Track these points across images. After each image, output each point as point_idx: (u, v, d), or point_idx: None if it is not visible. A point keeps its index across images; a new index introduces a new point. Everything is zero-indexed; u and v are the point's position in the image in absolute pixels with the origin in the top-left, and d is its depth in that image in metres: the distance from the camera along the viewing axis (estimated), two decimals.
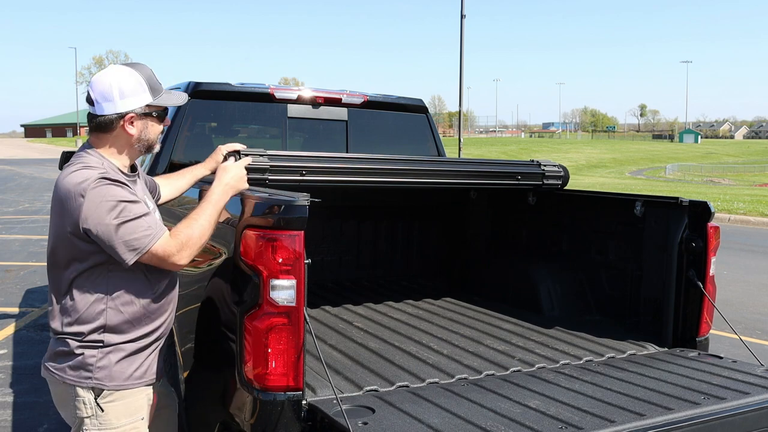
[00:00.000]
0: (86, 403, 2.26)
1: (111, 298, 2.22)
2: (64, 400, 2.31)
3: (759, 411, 2.49)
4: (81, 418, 2.28)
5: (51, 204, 2.28)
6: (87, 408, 2.27)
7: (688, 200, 3.26)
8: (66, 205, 2.15)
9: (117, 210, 2.13)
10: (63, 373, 2.26)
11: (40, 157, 49.45)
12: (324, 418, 2.32)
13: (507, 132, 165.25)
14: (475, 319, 3.88)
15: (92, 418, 2.27)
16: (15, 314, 7.11)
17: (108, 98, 2.24)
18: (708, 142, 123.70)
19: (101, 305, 2.22)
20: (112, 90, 2.24)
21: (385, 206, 4.92)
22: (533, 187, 3.98)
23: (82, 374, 2.24)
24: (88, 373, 2.24)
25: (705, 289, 3.17)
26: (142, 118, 2.30)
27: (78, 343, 2.23)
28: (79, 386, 2.25)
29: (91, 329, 2.22)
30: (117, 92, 2.24)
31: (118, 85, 2.24)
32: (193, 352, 2.88)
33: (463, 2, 21.36)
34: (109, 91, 2.24)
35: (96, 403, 2.26)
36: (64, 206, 2.16)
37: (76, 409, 2.28)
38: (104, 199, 2.12)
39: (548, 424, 2.26)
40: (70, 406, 2.30)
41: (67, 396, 2.29)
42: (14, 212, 16.87)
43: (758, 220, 16.24)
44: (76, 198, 2.12)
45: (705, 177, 54.24)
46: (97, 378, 2.24)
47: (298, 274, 2.30)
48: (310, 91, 4.61)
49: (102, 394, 2.26)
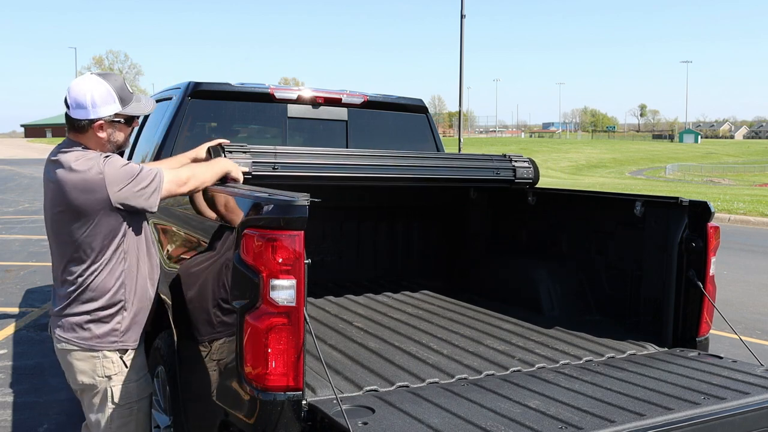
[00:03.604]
0: (114, 362, 2.74)
1: (127, 275, 2.70)
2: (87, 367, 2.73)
3: (759, 411, 2.48)
4: (108, 376, 2.74)
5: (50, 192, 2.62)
6: (114, 366, 2.74)
7: (688, 200, 3.26)
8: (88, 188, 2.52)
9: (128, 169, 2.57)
10: (90, 342, 2.69)
11: (40, 157, 49.37)
12: (324, 418, 2.32)
13: (507, 132, 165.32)
14: (475, 319, 3.88)
15: (119, 374, 2.76)
16: (15, 314, 7.11)
17: (82, 105, 2.58)
18: (708, 142, 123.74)
19: (120, 282, 2.69)
20: (85, 98, 2.57)
21: (385, 206, 4.92)
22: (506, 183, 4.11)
23: (109, 339, 2.71)
24: (115, 337, 2.71)
25: (705, 289, 3.17)
26: (111, 125, 2.64)
27: (104, 313, 2.68)
28: (107, 350, 2.71)
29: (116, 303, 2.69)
30: (90, 101, 2.57)
31: (91, 94, 2.57)
32: (193, 351, 2.88)
33: (463, 2, 21.38)
34: (83, 100, 2.57)
35: (122, 361, 2.76)
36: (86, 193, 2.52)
37: (105, 368, 2.72)
38: (117, 167, 2.56)
39: (548, 424, 2.26)
40: (97, 369, 2.72)
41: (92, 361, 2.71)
42: (14, 212, 16.87)
43: (758, 220, 16.24)
44: (97, 179, 2.52)
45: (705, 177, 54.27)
46: (122, 340, 2.74)
47: (298, 274, 2.30)
48: (310, 91, 4.61)
49: (127, 353, 2.77)
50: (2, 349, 5.91)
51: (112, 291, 2.67)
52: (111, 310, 2.70)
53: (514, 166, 4.08)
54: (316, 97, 4.59)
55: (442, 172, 3.86)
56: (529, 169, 4.13)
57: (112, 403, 2.79)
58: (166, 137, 4.13)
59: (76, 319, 2.69)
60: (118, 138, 2.70)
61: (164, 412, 3.30)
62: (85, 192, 2.52)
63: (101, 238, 2.60)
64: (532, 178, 4.15)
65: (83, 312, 2.68)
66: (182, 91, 4.32)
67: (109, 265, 2.65)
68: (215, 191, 2.80)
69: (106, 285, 2.67)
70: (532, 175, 4.14)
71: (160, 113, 4.54)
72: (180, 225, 3.31)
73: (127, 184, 2.56)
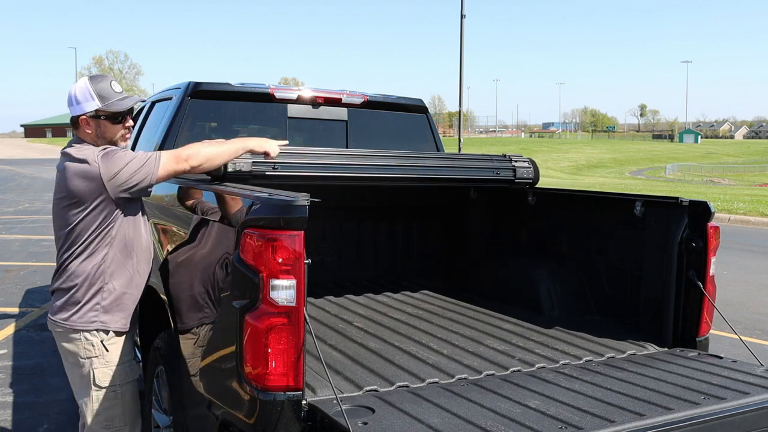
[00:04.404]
0: (95, 345, 2.87)
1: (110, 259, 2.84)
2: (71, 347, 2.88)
3: (759, 411, 2.48)
4: (89, 358, 2.88)
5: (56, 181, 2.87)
6: (95, 348, 2.87)
7: (688, 200, 3.25)
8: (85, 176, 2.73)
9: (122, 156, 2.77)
10: (70, 322, 2.84)
11: (40, 157, 49.45)
12: (324, 418, 2.32)
13: (507, 132, 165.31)
14: (475, 319, 3.88)
15: (100, 357, 2.88)
16: (15, 314, 7.11)
17: (70, 103, 2.90)
18: (708, 142, 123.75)
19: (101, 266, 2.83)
20: (70, 97, 2.90)
21: (385, 206, 4.92)
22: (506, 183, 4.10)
23: (88, 318, 2.85)
24: (93, 317, 2.85)
25: (705, 289, 3.17)
26: (95, 120, 2.88)
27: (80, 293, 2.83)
28: (86, 330, 2.85)
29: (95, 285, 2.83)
30: (73, 99, 2.89)
31: (74, 94, 2.89)
32: (192, 351, 2.88)
33: (463, 2, 21.38)
34: (70, 98, 2.91)
35: (103, 345, 2.88)
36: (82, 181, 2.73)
37: (86, 350, 2.87)
38: (112, 156, 2.77)
39: (548, 424, 2.26)
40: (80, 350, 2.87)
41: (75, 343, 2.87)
42: (14, 212, 16.88)
43: (758, 220, 16.25)
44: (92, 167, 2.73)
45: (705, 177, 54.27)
46: (103, 321, 2.86)
47: (298, 274, 2.30)
48: (310, 91, 4.61)
49: (109, 336, 2.88)
50: (2, 349, 5.91)
51: (90, 272, 2.83)
52: (89, 291, 2.83)
53: (514, 166, 4.08)
54: (316, 97, 4.59)
55: (442, 172, 3.86)
56: (529, 169, 4.13)
57: (94, 385, 2.90)
58: (166, 137, 4.13)
59: (59, 301, 2.88)
60: (107, 133, 2.90)
61: (164, 412, 3.31)
62: (82, 179, 2.74)
63: (93, 226, 2.79)
64: (532, 178, 4.15)
65: (64, 291, 2.86)
66: (182, 91, 4.32)
67: (90, 249, 2.82)
68: (216, 190, 2.81)
69: (85, 267, 2.83)
70: (532, 175, 4.15)
71: (160, 113, 4.54)
72: (180, 225, 3.31)
73: (121, 169, 2.75)
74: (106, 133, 2.91)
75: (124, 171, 2.75)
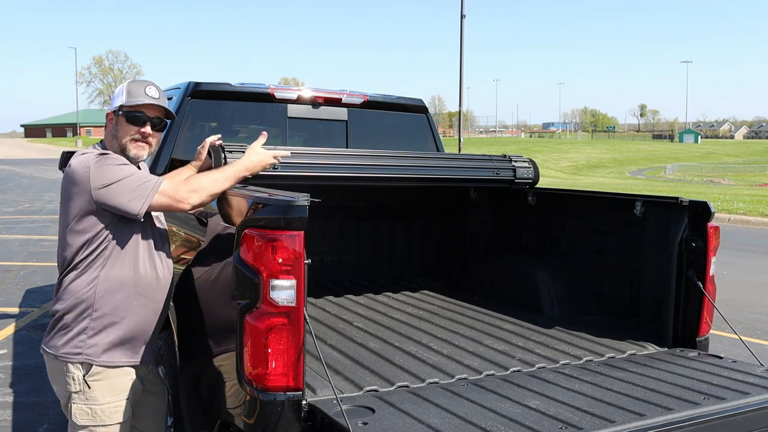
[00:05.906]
0: (75, 379, 2.59)
1: (101, 282, 2.57)
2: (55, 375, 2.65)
3: (759, 411, 2.48)
4: (69, 392, 2.61)
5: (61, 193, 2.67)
6: (75, 384, 2.60)
7: (688, 200, 3.25)
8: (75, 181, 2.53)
9: (119, 169, 2.55)
10: (55, 350, 2.59)
11: (40, 157, 49.45)
12: (324, 418, 2.32)
13: (507, 132, 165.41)
14: (475, 319, 3.88)
15: (80, 393, 2.60)
16: (15, 314, 7.11)
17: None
18: (708, 142, 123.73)
19: (92, 288, 2.56)
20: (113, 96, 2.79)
21: (385, 206, 4.92)
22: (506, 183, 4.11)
23: (72, 348, 2.57)
24: (77, 347, 2.57)
25: (705, 289, 3.17)
26: (116, 116, 2.72)
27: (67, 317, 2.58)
28: (69, 362, 2.58)
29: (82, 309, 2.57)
30: (113, 96, 2.78)
31: (114, 92, 2.78)
32: (193, 351, 2.88)
33: (463, 2, 21.38)
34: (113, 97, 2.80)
35: (84, 381, 2.59)
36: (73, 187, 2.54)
37: (67, 383, 2.60)
38: (106, 164, 2.54)
39: (548, 424, 2.26)
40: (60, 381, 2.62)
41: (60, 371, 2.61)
42: (14, 212, 16.88)
43: (758, 220, 16.25)
44: (83, 173, 2.52)
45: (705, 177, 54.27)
46: (87, 354, 2.57)
47: (298, 274, 2.29)
48: (310, 91, 4.61)
49: (92, 372, 2.59)
50: (2, 349, 5.92)
51: (78, 295, 2.56)
52: (73, 314, 2.56)
53: (514, 166, 4.08)
54: (316, 97, 4.59)
55: (443, 172, 3.86)
56: (529, 169, 4.13)
57: (72, 420, 2.64)
58: (166, 137, 4.13)
59: (50, 323, 2.65)
60: (120, 135, 2.69)
61: None
62: (73, 184, 2.55)
63: (82, 238, 2.55)
64: (532, 178, 4.15)
65: (53, 314, 2.62)
66: (182, 91, 4.32)
67: (81, 268, 2.56)
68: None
69: (74, 288, 2.57)
70: (532, 175, 4.15)
71: None
72: (179, 225, 3.31)
73: (110, 183, 2.50)
74: (119, 133, 2.70)
75: (114, 187, 2.51)
